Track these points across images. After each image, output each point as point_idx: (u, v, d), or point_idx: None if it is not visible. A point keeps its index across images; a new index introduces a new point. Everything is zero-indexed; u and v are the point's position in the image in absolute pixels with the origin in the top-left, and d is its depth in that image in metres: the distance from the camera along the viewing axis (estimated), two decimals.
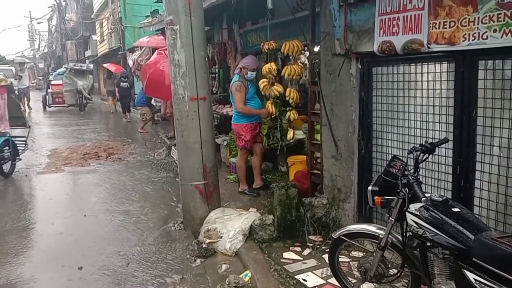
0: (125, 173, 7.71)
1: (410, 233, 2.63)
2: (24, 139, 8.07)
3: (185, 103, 4.61)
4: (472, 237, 2.25)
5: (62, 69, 22.35)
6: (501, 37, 2.77)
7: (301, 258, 4.02)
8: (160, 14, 9.88)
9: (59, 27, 36.13)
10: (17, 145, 7.85)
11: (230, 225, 4.43)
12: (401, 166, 2.76)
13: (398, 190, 2.65)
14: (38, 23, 44.55)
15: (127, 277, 3.91)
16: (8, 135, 7.56)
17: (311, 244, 4.25)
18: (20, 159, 7.93)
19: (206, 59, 4.78)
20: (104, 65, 18.76)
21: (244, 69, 5.44)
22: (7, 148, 7.43)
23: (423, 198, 2.50)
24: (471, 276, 2.20)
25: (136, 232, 5.00)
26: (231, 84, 5.58)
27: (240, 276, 3.76)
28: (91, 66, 21.82)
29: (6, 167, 7.50)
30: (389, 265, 3.03)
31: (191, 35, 4.47)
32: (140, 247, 4.54)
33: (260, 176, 5.91)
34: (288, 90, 4.89)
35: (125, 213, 5.63)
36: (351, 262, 3.76)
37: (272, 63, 4.97)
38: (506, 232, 2.98)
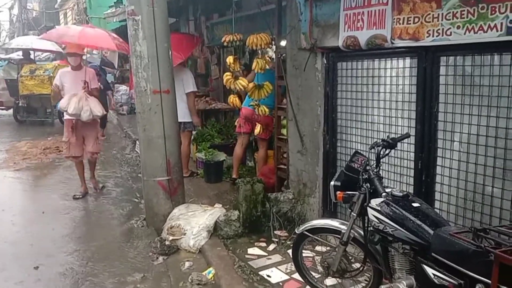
0: (87, 168, 7.43)
1: (372, 228, 2.63)
2: None
3: (148, 96, 4.47)
4: (431, 232, 2.27)
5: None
6: (464, 34, 2.80)
7: (266, 254, 3.99)
8: (124, 5, 9.55)
9: (21, 16, 34.70)
10: None
11: (195, 222, 4.34)
12: (362, 161, 2.76)
13: (360, 185, 2.64)
14: None
15: (86, 276, 3.78)
16: None
17: (277, 240, 4.23)
18: None
19: (170, 52, 4.65)
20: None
21: None
22: None
23: (384, 193, 2.50)
24: (430, 271, 2.21)
25: (97, 229, 4.84)
26: None
27: (203, 273, 3.69)
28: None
29: None
30: (352, 260, 3.04)
31: (153, 26, 4.33)
32: (101, 245, 4.39)
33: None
34: (250, 84, 4.83)
35: (86, 209, 5.45)
36: (315, 257, 3.76)
37: (231, 57, 4.90)
38: (465, 226, 3.03)
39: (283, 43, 4.74)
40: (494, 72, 2.80)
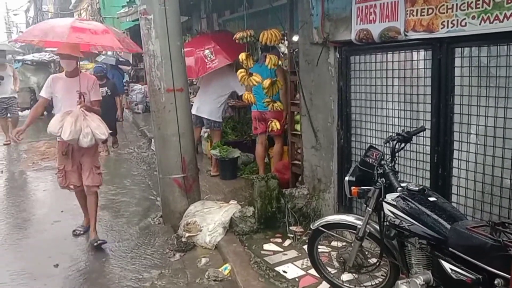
0: (104, 167, 7.51)
1: (388, 223, 2.61)
2: None
3: (162, 94, 4.50)
4: (448, 226, 2.24)
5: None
6: (479, 24, 2.74)
7: (282, 250, 4.00)
8: (137, 4, 9.61)
9: (37, 18, 35.21)
10: None
11: (210, 218, 4.37)
12: (377, 156, 2.73)
13: (375, 180, 2.62)
14: (15, 14, 43.38)
15: (104, 273, 3.84)
16: None
17: (292, 235, 4.22)
18: None
19: (183, 50, 4.67)
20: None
21: None
22: None
23: (399, 188, 2.48)
24: (447, 265, 2.19)
25: (114, 227, 4.91)
26: None
27: (220, 269, 3.71)
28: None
29: None
30: (368, 255, 3.02)
31: (166, 25, 4.35)
32: (119, 242, 4.47)
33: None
34: (265, 81, 4.82)
35: (103, 207, 5.51)
36: (331, 252, 3.75)
37: (243, 53, 4.90)
38: (483, 220, 2.99)
39: (295, 38, 4.72)
40: (510, 62, 2.74)
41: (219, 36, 6.80)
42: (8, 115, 9.96)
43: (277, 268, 3.64)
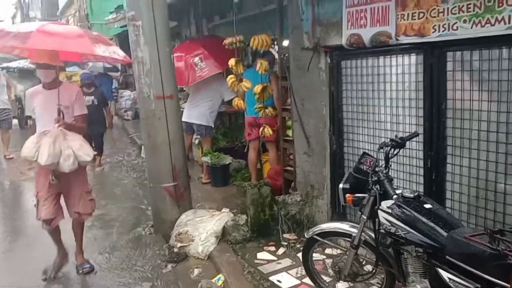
0: (92, 175, 7.42)
1: (383, 231, 2.57)
2: None
3: (151, 102, 4.43)
4: (445, 234, 2.20)
5: None
6: (471, 28, 2.73)
7: (276, 258, 3.94)
8: (125, 10, 9.52)
9: None
10: None
11: (202, 227, 4.30)
12: (371, 163, 2.69)
13: (369, 188, 2.58)
14: (1, 21, 42.89)
15: (94, 287, 3.74)
16: None
17: (286, 243, 4.17)
18: None
19: (172, 56, 4.61)
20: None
21: None
22: None
23: (394, 196, 2.44)
24: (445, 274, 2.15)
25: (104, 237, 4.81)
26: None
27: (213, 280, 3.64)
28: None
29: None
30: (364, 263, 2.98)
31: (154, 31, 4.29)
32: (109, 254, 4.36)
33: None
34: (256, 86, 4.78)
35: (93, 217, 5.38)
36: (326, 260, 3.70)
37: (232, 59, 4.85)
38: (478, 225, 2.96)
39: (285, 43, 4.68)
40: (503, 66, 2.73)
41: (208, 41, 6.75)
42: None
43: (271, 278, 3.58)
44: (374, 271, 2.86)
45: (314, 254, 3.29)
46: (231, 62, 4.88)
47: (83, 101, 4.03)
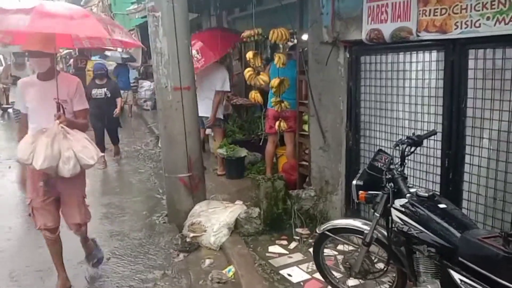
0: (110, 164, 7.53)
1: (396, 230, 2.54)
2: None
3: (168, 93, 4.46)
4: (458, 235, 2.16)
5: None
6: (494, 25, 2.66)
7: (287, 252, 3.94)
8: (146, 1, 9.55)
9: None
10: None
11: (215, 219, 4.32)
12: (386, 160, 2.65)
13: (383, 185, 2.54)
14: None
15: (107, 273, 3.80)
16: None
17: (298, 237, 4.17)
18: None
19: (190, 48, 4.62)
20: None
21: None
22: None
23: (408, 194, 2.40)
24: (456, 276, 2.11)
25: (119, 225, 4.87)
26: None
27: (224, 271, 3.66)
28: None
29: None
30: (375, 260, 2.95)
31: (173, 23, 4.30)
32: (123, 241, 4.43)
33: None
34: (273, 80, 4.75)
35: (108, 205, 5.49)
36: (337, 256, 3.68)
37: (250, 52, 4.82)
38: (494, 227, 2.90)
39: (304, 37, 4.65)
40: None
41: (205, 34, 6.84)
42: None
43: (281, 271, 3.59)
44: (385, 269, 2.84)
45: (325, 250, 3.27)
46: (249, 54, 4.86)
47: (83, 94, 3.45)
